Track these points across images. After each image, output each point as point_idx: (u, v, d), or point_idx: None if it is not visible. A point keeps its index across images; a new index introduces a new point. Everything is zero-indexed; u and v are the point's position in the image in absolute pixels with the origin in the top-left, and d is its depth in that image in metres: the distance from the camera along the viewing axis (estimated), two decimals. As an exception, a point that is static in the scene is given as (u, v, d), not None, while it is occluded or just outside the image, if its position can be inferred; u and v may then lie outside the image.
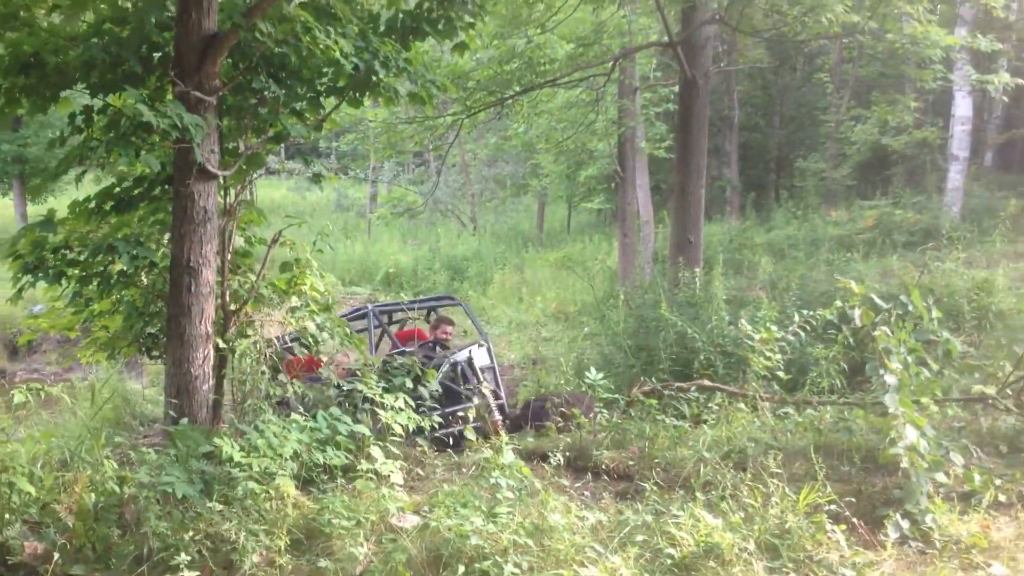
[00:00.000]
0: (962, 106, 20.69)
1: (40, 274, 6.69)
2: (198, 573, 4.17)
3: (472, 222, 32.02)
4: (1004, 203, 19.55)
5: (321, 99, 7.56)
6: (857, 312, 5.52)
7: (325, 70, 7.21)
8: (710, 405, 7.15)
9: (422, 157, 36.33)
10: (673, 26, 13.15)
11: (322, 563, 4.17)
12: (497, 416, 7.77)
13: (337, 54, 6.64)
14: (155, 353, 7.67)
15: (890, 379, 5.04)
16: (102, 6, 6.41)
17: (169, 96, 6.57)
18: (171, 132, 5.93)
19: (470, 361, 8.46)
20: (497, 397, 8.24)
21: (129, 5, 6.55)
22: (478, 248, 27.86)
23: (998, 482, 5.15)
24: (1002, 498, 5.08)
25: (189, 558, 4.16)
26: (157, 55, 6.72)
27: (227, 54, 6.50)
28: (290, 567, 4.18)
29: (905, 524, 4.62)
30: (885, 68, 27.88)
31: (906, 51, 12.64)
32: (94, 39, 6.37)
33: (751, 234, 22.17)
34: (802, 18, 11.86)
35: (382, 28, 7.56)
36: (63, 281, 6.71)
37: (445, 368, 8.10)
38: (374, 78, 7.13)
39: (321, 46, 6.63)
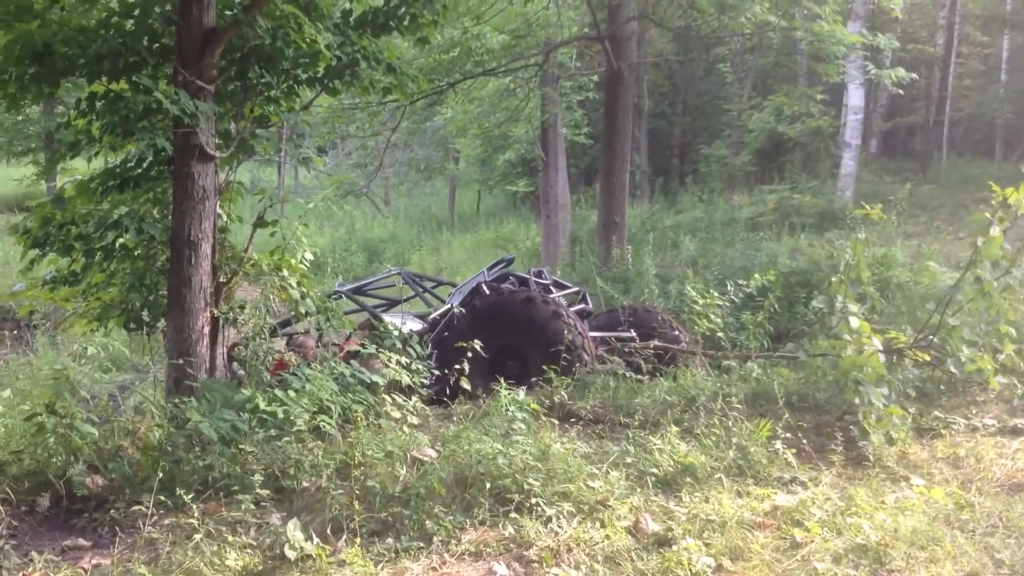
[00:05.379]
0: (855, 96, 22.10)
1: (48, 248, 7.23)
2: (268, 491, 4.90)
3: (386, 204, 32.55)
4: (892, 187, 21.10)
5: (297, 87, 8.16)
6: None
7: (302, 60, 7.81)
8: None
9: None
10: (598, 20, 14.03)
11: (369, 483, 4.93)
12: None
13: (321, 47, 7.26)
14: (133, 326, 8.22)
15: (852, 307, 6.10)
16: (111, 2, 6.92)
17: (163, 84, 7.14)
18: (182, 118, 6.53)
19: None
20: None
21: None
22: (394, 230, 28.44)
23: (910, 419, 6.20)
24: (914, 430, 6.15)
25: (262, 478, 4.89)
26: (155, 46, 7.26)
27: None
28: (341, 488, 4.92)
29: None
30: (779, 59, 29.46)
31: (812, 47, 13.76)
32: (101, 31, 6.92)
33: (660, 217, 23.34)
34: (719, 16, 12.87)
35: (352, 23, 8.19)
36: (71, 254, 7.25)
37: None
38: (352, 70, 7.81)
39: (308, 39, 7.25)
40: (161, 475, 4.95)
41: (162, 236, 7.39)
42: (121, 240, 7.46)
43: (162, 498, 4.88)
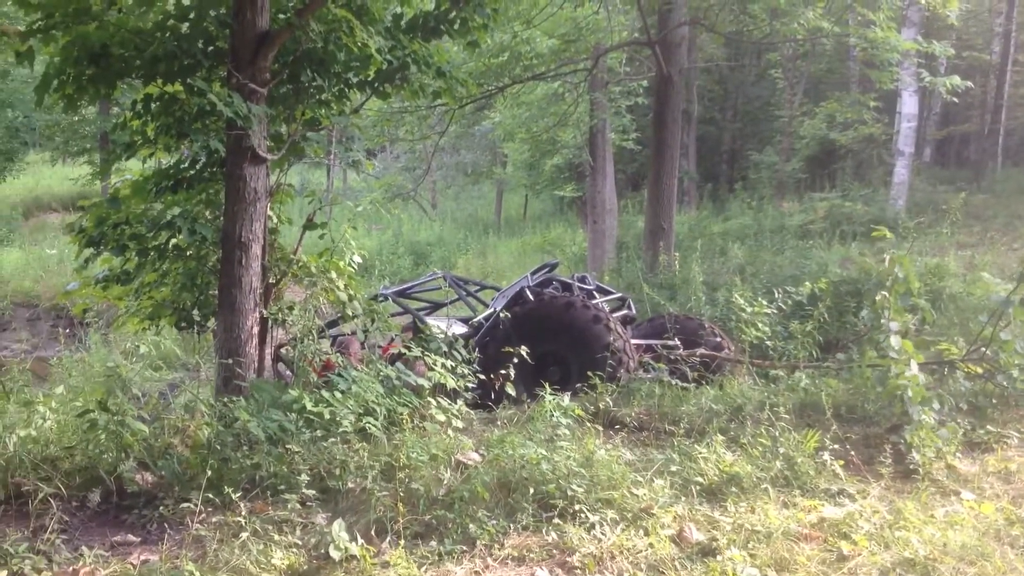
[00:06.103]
0: (909, 104, 21.78)
1: (102, 247, 7.36)
2: (314, 491, 4.95)
3: (433, 208, 32.70)
4: (945, 196, 20.74)
5: (348, 91, 8.23)
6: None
7: (353, 64, 7.87)
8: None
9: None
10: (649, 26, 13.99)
11: (413, 485, 4.96)
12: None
13: (372, 51, 7.32)
14: (183, 325, 8.33)
15: (894, 325, 6.01)
16: (168, 5, 7.03)
17: (217, 86, 7.23)
18: (235, 120, 6.62)
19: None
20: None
21: (188, 2, 7.17)
22: (440, 233, 28.55)
23: (961, 432, 6.11)
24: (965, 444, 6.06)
25: (308, 478, 4.95)
26: (210, 48, 7.36)
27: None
28: (385, 490, 4.94)
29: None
30: (832, 65, 29.14)
31: (865, 53, 13.59)
32: (157, 34, 7.04)
33: (708, 224, 23.18)
34: (771, 22, 12.77)
35: (403, 27, 8.24)
36: (125, 253, 7.38)
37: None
38: (402, 73, 7.86)
39: (359, 43, 7.31)
40: (209, 473, 5.03)
41: (214, 237, 7.49)
42: (174, 240, 7.58)
43: (210, 496, 4.97)
